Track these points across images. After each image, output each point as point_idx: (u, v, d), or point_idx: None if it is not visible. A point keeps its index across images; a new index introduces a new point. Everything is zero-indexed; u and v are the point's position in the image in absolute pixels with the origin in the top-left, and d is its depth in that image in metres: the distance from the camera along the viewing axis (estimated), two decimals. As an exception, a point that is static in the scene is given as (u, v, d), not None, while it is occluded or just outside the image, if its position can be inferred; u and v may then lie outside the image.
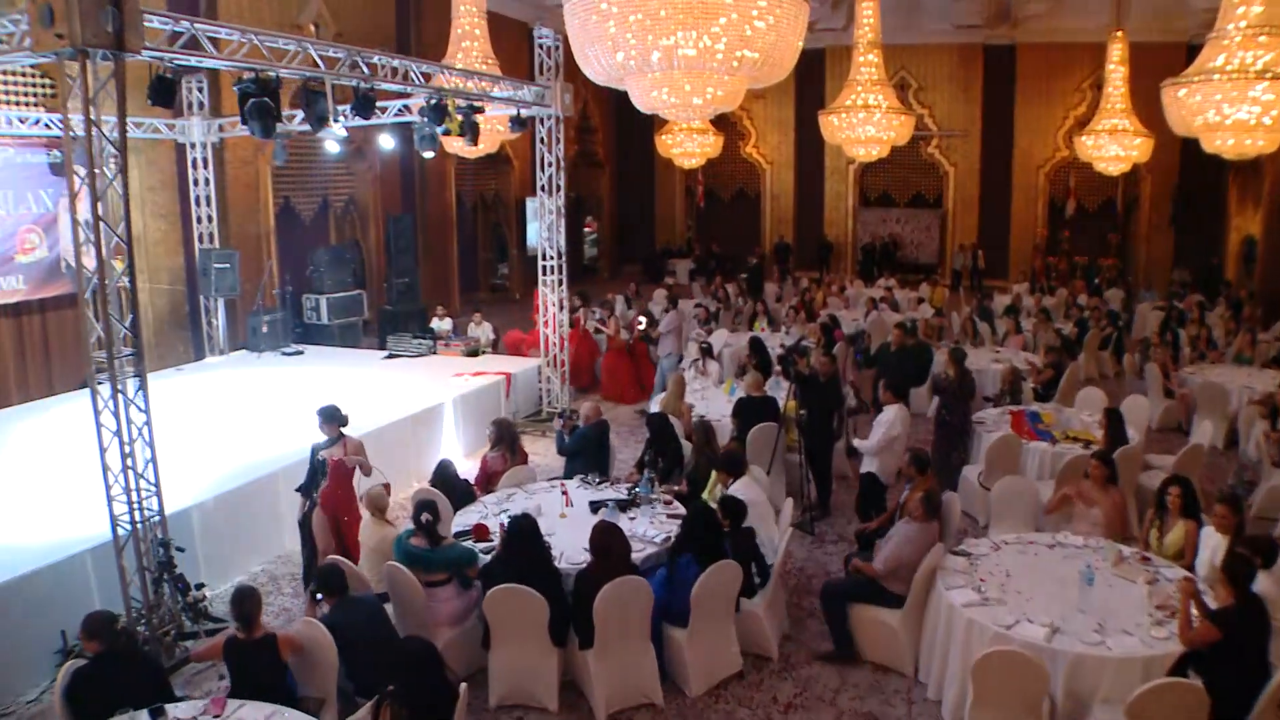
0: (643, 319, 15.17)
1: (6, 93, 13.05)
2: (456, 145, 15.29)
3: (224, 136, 14.93)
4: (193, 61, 7.79)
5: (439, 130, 10.47)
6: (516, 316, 20.14)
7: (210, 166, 15.02)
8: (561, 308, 13.40)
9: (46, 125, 12.84)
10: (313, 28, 16.09)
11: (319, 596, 6.21)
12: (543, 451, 12.14)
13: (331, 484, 7.97)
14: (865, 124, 17.97)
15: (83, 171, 7.02)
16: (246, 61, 8.00)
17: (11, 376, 13.46)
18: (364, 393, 12.46)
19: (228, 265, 14.64)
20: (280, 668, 5.65)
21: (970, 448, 9.97)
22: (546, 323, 13.37)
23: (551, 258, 13.12)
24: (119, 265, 14.25)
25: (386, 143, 13.46)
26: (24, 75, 13.23)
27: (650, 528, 7.40)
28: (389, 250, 18.82)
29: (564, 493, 7.99)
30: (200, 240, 15.17)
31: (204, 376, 13.84)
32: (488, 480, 8.72)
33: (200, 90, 14.59)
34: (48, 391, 13.29)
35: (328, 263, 16.88)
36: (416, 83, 9.87)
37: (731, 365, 13.14)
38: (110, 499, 7.20)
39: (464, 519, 7.80)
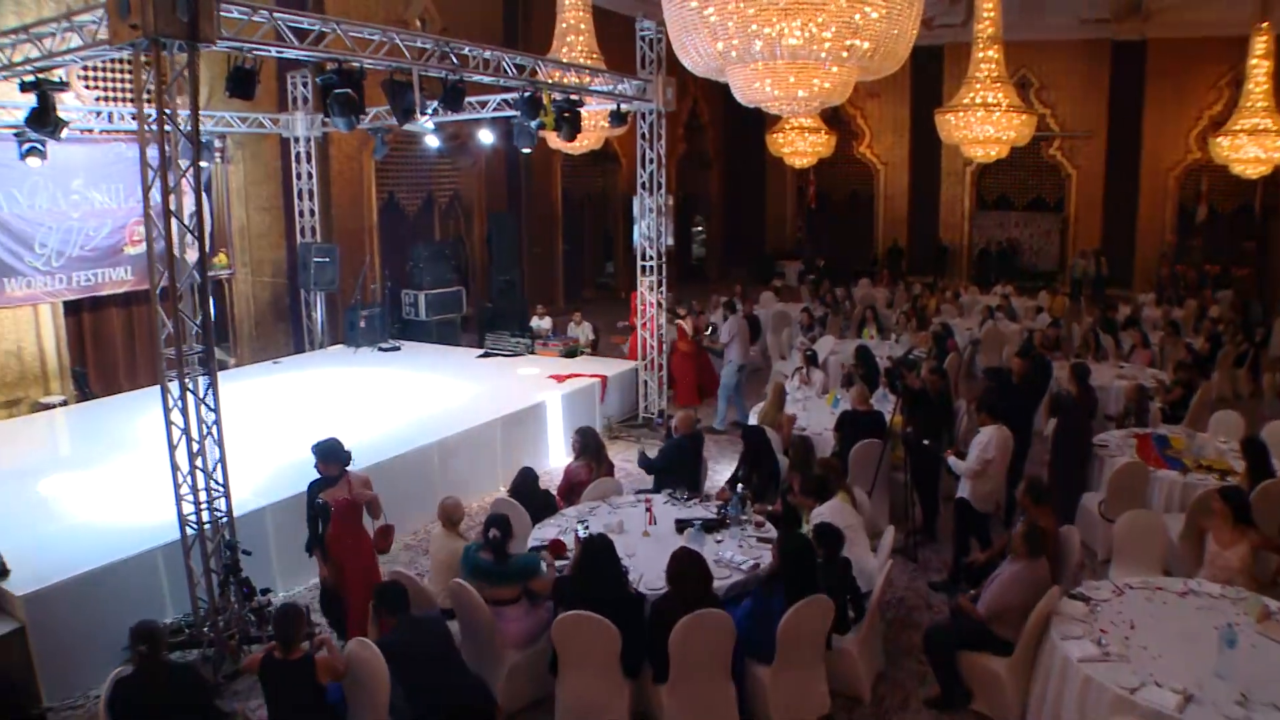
0: (709, 329, 14.25)
1: (119, 87, 13.09)
2: (559, 141, 14.95)
3: (327, 131, 14.79)
4: (272, 52, 7.47)
5: (533, 125, 10.01)
6: (621, 316, 19.63)
7: (313, 161, 14.92)
8: (661, 309, 12.83)
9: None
10: (419, 23, 15.86)
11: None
12: (635, 458, 11.60)
13: (336, 529, 6.97)
14: (984, 123, 16.98)
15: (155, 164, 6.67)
16: (329, 52, 7.65)
17: (121, 365, 13.54)
18: (455, 391, 12.19)
19: (327, 259, 14.50)
20: (316, 690, 5.27)
21: (1091, 473, 9.09)
22: (644, 325, 12.82)
23: (651, 258, 12.56)
24: (221, 261, 14.43)
25: (485, 138, 13.08)
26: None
27: (738, 552, 6.80)
28: (491, 247, 18.56)
29: (648, 509, 7.43)
30: (302, 234, 15.07)
31: (298, 370, 13.75)
32: (570, 491, 8.20)
33: (304, 85, 14.46)
34: (155, 380, 13.22)
35: (427, 259, 16.66)
36: (509, 74, 9.43)
37: (837, 375, 12.35)
38: (179, 498, 6.94)
39: (541, 533, 7.31)
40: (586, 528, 6.79)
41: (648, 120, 11.88)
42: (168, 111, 6.61)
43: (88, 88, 12.78)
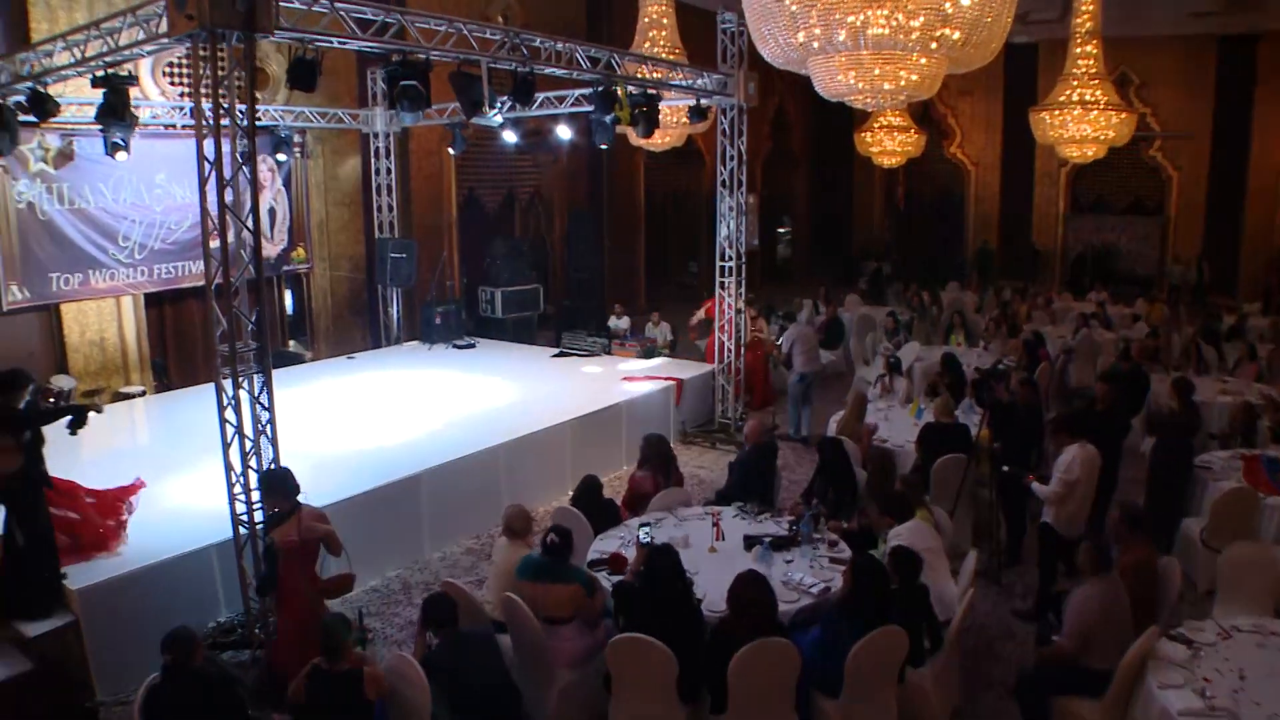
0: (780, 343, 13.33)
1: (203, 85, 13.08)
2: (639, 138, 14.58)
3: (406, 126, 14.63)
4: (334, 43, 7.22)
5: (608, 119, 9.64)
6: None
7: (393, 156, 14.79)
8: (740, 312, 12.36)
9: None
10: (500, 19, 15.63)
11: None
12: (709, 465, 11.20)
13: (286, 572, 6.21)
14: (1081, 122, 16.14)
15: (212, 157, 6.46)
16: (394, 43, 7.38)
17: (200, 357, 13.51)
18: (526, 391, 11.91)
19: (404, 255, 14.36)
20: (363, 707, 4.95)
21: (1191, 497, 8.40)
22: (723, 327, 12.37)
23: (731, 258, 12.10)
24: (299, 255, 14.37)
25: (563, 133, 12.75)
26: (224, 69, 13.23)
27: (808, 574, 6.34)
28: (570, 245, 18.28)
29: (715, 524, 7.00)
30: (380, 229, 14.96)
31: (372, 366, 13.63)
32: (635, 502, 7.81)
33: (384, 80, 14.31)
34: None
35: (505, 255, 16.45)
36: (583, 67, 9.08)
37: (921, 383, 11.73)
38: (231, 497, 6.74)
39: (603, 545, 6.94)
40: (649, 534, 6.38)
41: (728, 116, 11.43)
42: (225, 105, 6.37)
43: (172, 84, 12.78)
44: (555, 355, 14.01)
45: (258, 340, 6.73)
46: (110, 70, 7.95)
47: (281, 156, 13.82)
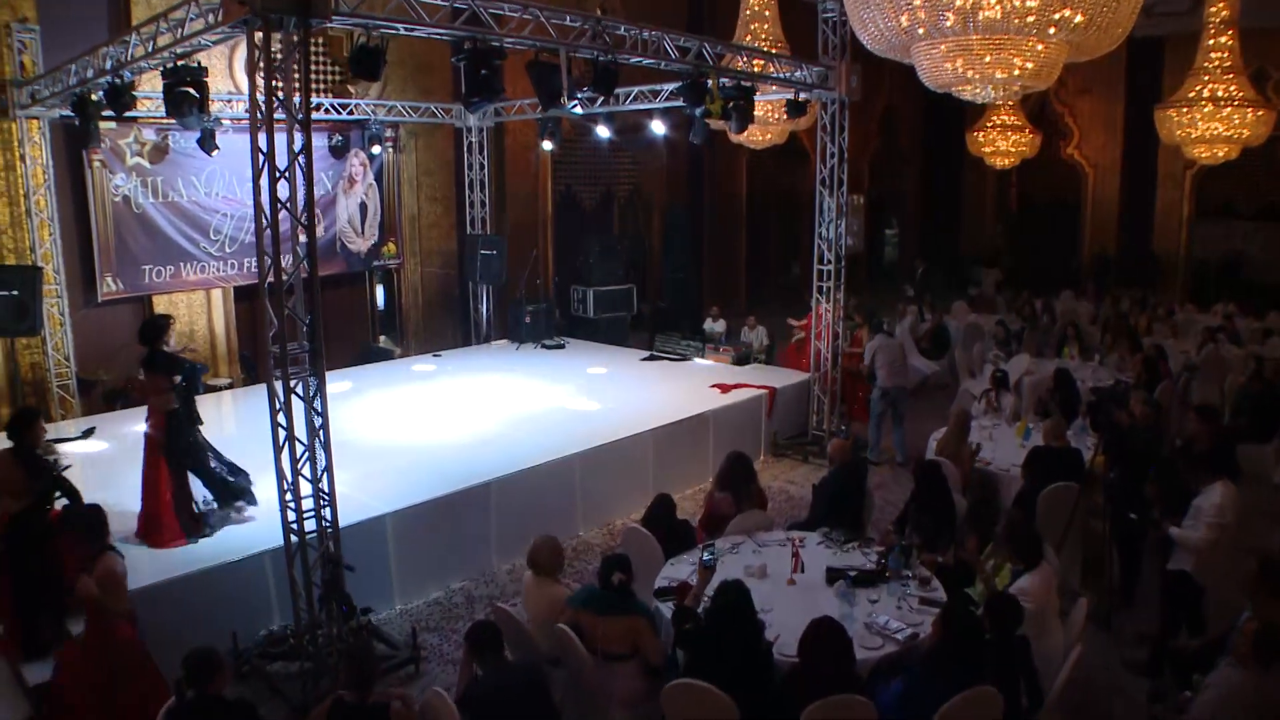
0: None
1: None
2: (737, 134, 13.92)
3: (500, 121, 14.25)
4: (400, 30, 6.77)
5: (697, 112, 9.01)
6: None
7: (486, 151, 14.43)
8: (839, 318, 11.57)
9: (326, 110, 12.59)
10: (599, 11, 15.09)
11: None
12: (800, 480, 10.49)
13: (89, 633, 5.49)
14: (1211, 120, 14.83)
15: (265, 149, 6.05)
16: (465, 30, 6.88)
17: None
18: (610, 396, 11.36)
19: (494, 252, 13.97)
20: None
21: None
22: (819, 334, 11.61)
23: (830, 261, 11.35)
24: (390, 250, 14.09)
25: (657, 128, 12.16)
26: (315, 63, 13.08)
27: (894, 616, 5.64)
28: (668, 244, 17.71)
29: (795, 554, 6.33)
30: (472, 225, 14.62)
31: (457, 364, 13.29)
32: (712, 524, 7.17)
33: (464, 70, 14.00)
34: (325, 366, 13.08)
35: (599, 254, 15.94)
36: (670, 57, 8.47)
37: (1031, 399, 10.78)
38: (283, 504, 6.34)
39: (674, 570, 6.34)
40: (713, 555, 5.75)
41: (829, 111, 10.68)
42: (279, 96, 5.96)
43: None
44: (645, 359, 13.42)
45: (311, 342, 6.29)
46: (181, 62, 7.62)
47: (375, 150, 13.55)
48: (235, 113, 12.22)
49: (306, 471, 6.41)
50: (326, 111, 12.63)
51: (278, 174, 6.05)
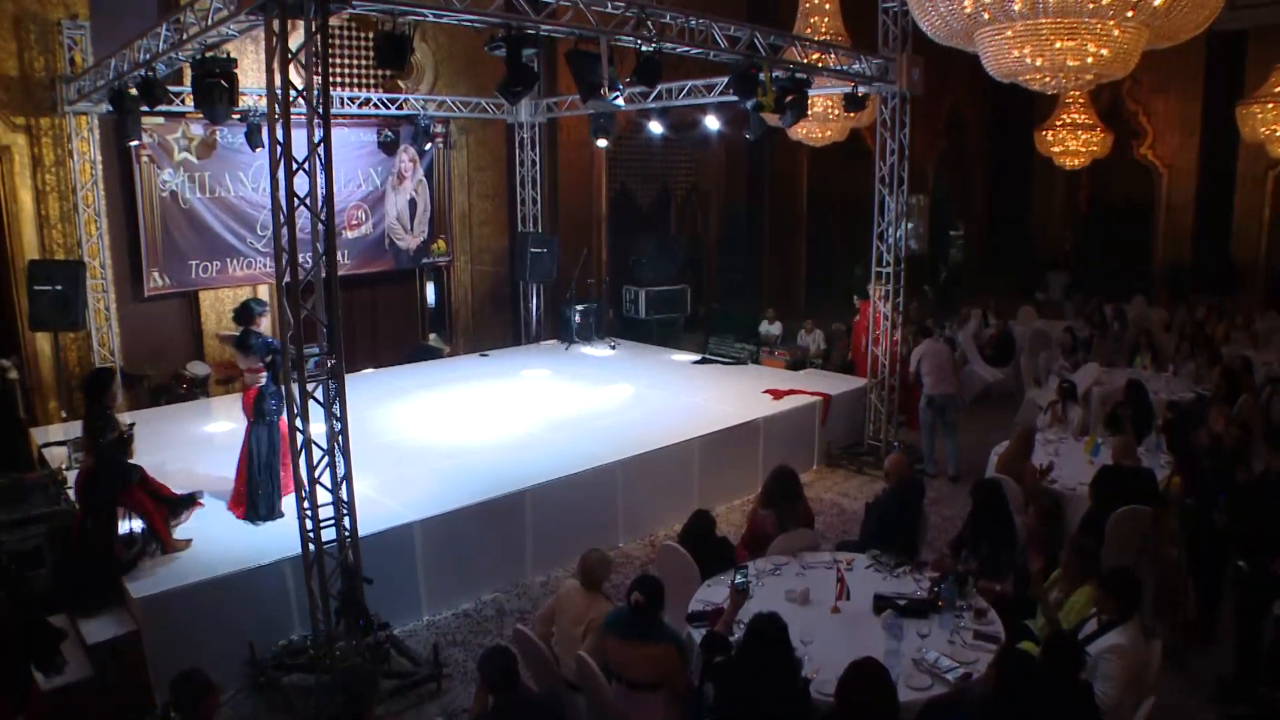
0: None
1: (342, 70, 12.68)
2: (796, 131, 13.40)
3: (553, 116, 13.90)
4: (428, 16, 6.41)
5: (748, 105, 8.51)
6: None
7: (539, 148, 14.09)
8: (897, 323, 10.98)
9: (376, 105, 12.34)
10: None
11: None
12: (853, 492, 9.97)
13: None
14: (1298, 115, 13.97)
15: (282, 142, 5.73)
16: (498, 16, 6.48)
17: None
18: (658, 401, 10.92)
19: (544, 250, 13.62)
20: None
21: None
22: (876, 340, 11.04)
23: (889, 263, 10.79)
24: (440, 248, 13.79)
25: (711, 124, 11.68)
26: (365, 58, 12.85)
27: (945, 653, 5.11)
28: (724, 244, 17.21)
29: (840, 580, 5.83)
30: (523, 223, 14.28)
31: (503, 364, 12.94)
32: (754, 543, 6.69)
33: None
34: (374, 364, 13.04)
35: (651, 254, 15.50)
36: (719, 46, 8.00)
37: (1100, 412, 10.10)
38: (300, 512, 6.01)
39: (709, 593, 5.87)
40: (746, 578, 5.28)
41: (889, 105, 10.11)
42: (297, 87, 5.64)
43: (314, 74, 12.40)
44: (696, 362, 12.94)
45: (330, 344, 5.95)
46: (209, 54, 7.35)
47: (425, 146, 13.28)
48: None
49: (326, 479, 6.09)
50: (375, 107, 12.37)
51: (295, 167, 5.69)
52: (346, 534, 6.18)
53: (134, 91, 8.74)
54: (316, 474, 5.99)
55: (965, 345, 14.09)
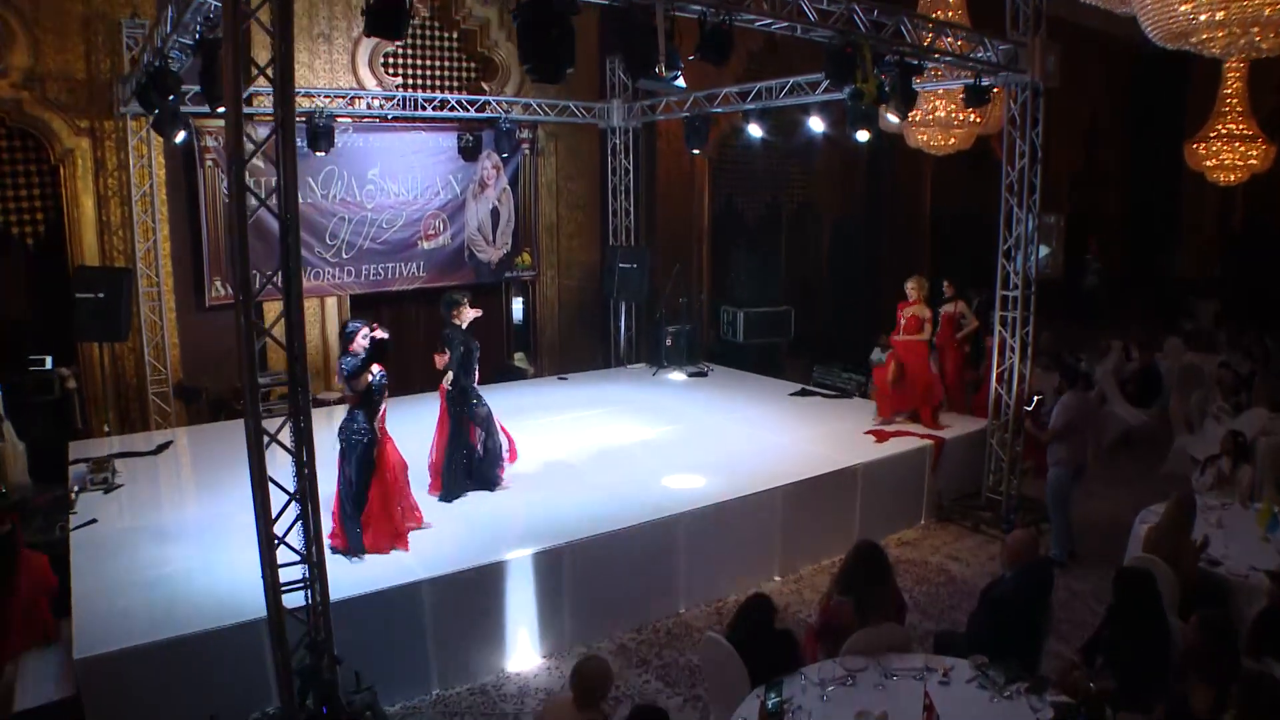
0: (1034, 401, 8.96)
1: (419, 72, 11.62)
2: (921, 138, 11.73)
3: (650, 120, 12.53)
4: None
5: (845, 91, 6.96)
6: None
7: (632, 155, 12.77)
8: (1025, 354, 9.18)
9: (452, 107, 11.23)
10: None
11: None
12: (966, 556, 8.27)
13: None
14: None
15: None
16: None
17: (413, 367, 11.94)
18: (745, 439, 9.34)
19: (634, 265, 12.26)
20: None
21: None
22: (1000, 376, 9.25)
23: (1016, 285, 9.03)
24: (524, 261, 12.56)
25: (815, 125, 10.09)
26: (448, 57, 11.77)
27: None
28: (836, 263, 15.54)
29: (928, 707, 4.24)
30: (614, 236, 12.96)
31: (584, 390, 11.53)
32: (828, 636, 5.11)
33: (624, 72, 12.34)
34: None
35: (753, 272, 13.96)
36: (808, 20, 6.48)
37: (1272, 472, 8.09)
38: (263, 565, 4.78)
39: (755, 705, 4.38)
40: (778, 695, 3.81)
41: (1018, 100, 8.38)
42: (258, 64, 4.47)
43: (390, 73, 11.37)
44: (795, 393, 11.31)
45: (291, 375, 4.71)
46: (211, 35, 6.28)
47: (514, 153, 12.12)
48: (358, 110, 11.03)
49: (296, 536, 4.85)
50: (453, 109, 11.25)
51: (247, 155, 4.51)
52: (316, 602, 4.92)
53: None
54: (282, 529, 4.75)
55: (1104, 382, 12.11)
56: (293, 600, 4.90)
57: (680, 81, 6.37)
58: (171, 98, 7.76)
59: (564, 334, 13.22)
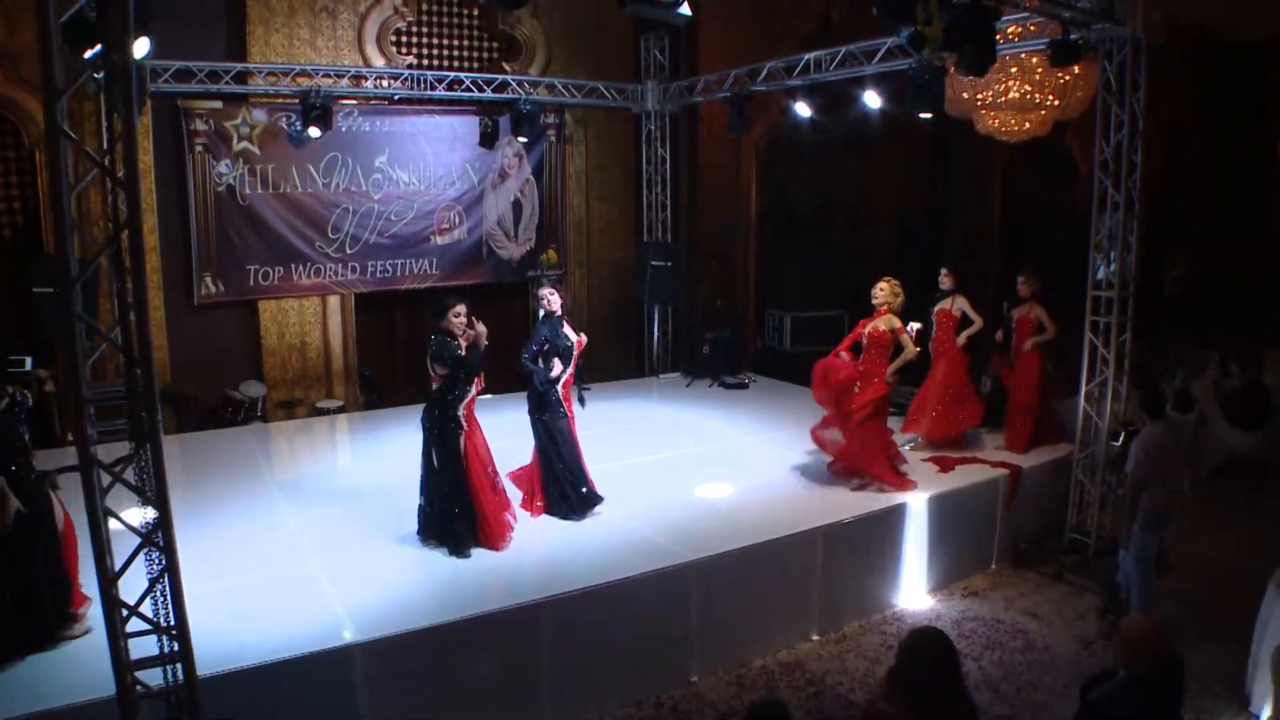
0: (1122, 430, 7.31)
1: (432, 52, 10.30)
2: (992, 123, 10.12)
3: (690, 103, 11.08)
4: None
5: (902, 35, 5.41)
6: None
7: (668, 143, 11.37)
8: (1122, 366, 7.49)
9: (467, 87, 9.93)
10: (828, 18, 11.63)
11: None
12: (1048, 611, 6.66)
13: None
14: None
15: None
16: None
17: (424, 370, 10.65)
18: (773, 470, 7.71)
19: (667, 264, 10.81)
20: None
21: None
22: (1088, 394, 7.59)
23: (1107, 288, 7.39)
24: (549, 258, 11.19)
25: (871, 101, 8.51)
26: (466, 35, 10.46)
27: None
28: (896, 265, 13.87)
29: None
30: (649, 232, 11.53)
31: (604, 405, 9.62)
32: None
33: (660, 51, 10.93)
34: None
35: (801, 273, 12.38)
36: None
37: None
38: (110, 635, 3.49)
39: None
40: None
41: (1115, 60, 6.74)
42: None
43: (400, 51, 10.07)
44: (846, 410, 9.69)
45: (131, 389, 3.40)
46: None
47: (538, 139, 10.76)
48: (365, 89, 9.77)
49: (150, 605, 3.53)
50: (467, 89, 9.94)
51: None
52: (179, 678, 3.58)
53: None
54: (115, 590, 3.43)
55: (1203, 401, 10.36)
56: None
57: (685, 9, 4.91)
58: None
59: (594, 339, 11.75)
